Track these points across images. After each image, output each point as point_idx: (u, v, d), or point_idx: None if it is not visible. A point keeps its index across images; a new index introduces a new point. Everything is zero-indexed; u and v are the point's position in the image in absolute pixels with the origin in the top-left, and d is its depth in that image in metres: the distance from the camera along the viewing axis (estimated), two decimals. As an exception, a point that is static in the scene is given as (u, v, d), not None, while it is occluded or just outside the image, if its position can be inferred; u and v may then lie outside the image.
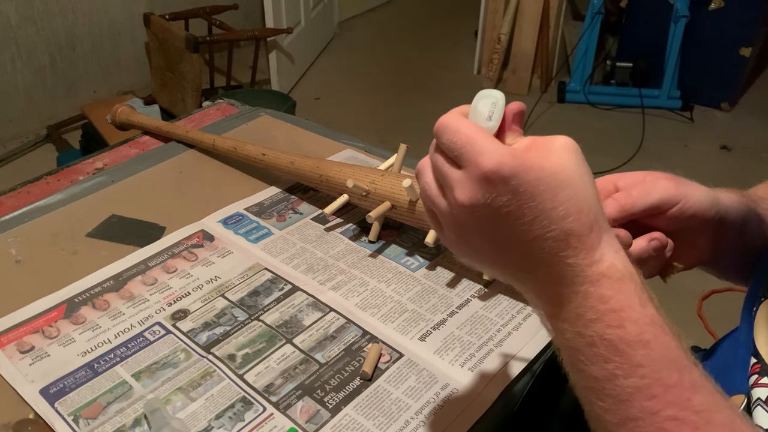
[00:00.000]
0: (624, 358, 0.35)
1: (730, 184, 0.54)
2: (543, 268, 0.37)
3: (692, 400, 0.35)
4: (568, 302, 0.37)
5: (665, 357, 0.36)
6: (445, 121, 0.38)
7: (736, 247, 0.54)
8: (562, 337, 0.38)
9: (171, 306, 0.68)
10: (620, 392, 0.36)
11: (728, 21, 2.72)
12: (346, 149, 0.96)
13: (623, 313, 0.36)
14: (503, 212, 0.36)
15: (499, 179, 0.35)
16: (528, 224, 0.36)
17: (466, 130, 0.37)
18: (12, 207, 0.83)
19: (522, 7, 2.95)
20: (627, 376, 0.35)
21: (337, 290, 0.70)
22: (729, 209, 0.51)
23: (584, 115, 2.89)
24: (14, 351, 0.62)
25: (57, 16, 2.56)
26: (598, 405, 0.37)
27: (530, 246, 0.37)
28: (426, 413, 0.56)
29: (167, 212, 0.82)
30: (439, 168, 0.39)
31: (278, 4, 2.81)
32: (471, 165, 0.36)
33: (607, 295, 0.36)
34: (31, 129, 2.62)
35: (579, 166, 0.37)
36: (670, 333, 0.37)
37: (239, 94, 2.34)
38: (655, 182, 0.49)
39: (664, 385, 0.35)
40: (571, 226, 0.36)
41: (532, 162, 0.36)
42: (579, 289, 0.37)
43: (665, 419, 0.35)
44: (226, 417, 0.56)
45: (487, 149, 0.36)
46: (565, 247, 0.36)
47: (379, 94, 3.05)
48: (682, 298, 1.81)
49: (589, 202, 0.37)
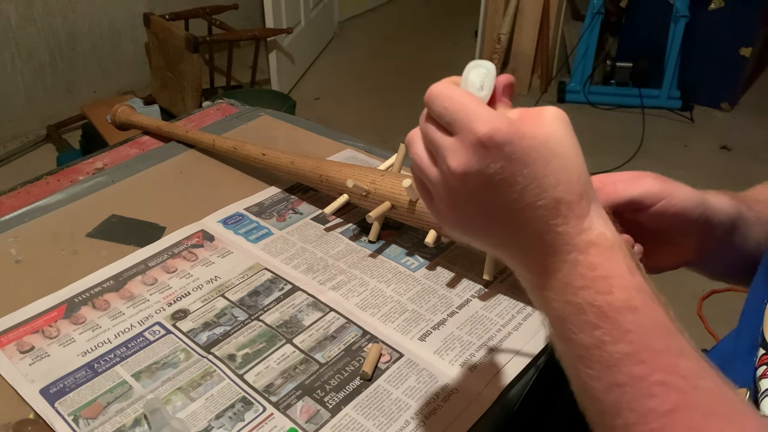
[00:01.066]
0: (612, 324, 0.36)
1: (730, 184, 0.55)
2: (533, 237, 0.37)
3: (679, 365, 0.35)
4: (557, 271, 0.37)
5: (653, 323, 0.36)
6: (437, 88, 0.38)
7: (724, 249, 0.54)
8: (550, 308, 0.38)
9: (171, 306, 0.68)
10: (608, 358, 0.36)
11: (728, 21, 2.72)
12: (346, 149, 0.96)
13: (612, 280, 0.36)
14: (496, 179, 0.36)
15: (494, 145, 0.35)
16: (520, 192, 0.36)
17: (459, 97, 0.37)
18: (12, 207, 0.83)
19: (522, 7, 2.95)
20: (615, 342, 0.35)
21: (337, 290, 0.70)
22: (717, 211, 0.51)
23: (584, 115, 2.89)
24: (14, 351, 0.62)
25: (57, 16, 2.56)
26: (585, 373, 0.37)
27: (521, 214, 0.37)
28: (426, 413, 0.56)
29: (167, 212, 0.82)
30: (430, 137, 0.38)
31: (278, 4, 2.81)
32: (465, 131, 0.36)
33: (596, 262, 0.36)
34: (31, 129, 2.62)
35: (570, 137, 0.37)
36: (657, 301, 0.37)
37: (239, 94, 2.34)
38: (641, 177, 0.50)
39: (652, 350, 0.35)
40: (561, 194, 0.36)
41: (525, 130, 0.36)
42: (568, 257, 0.37)
43: (652, 384, 0.35)
44: (226, 417, 0.56)
45: (482, 115, 0.36)
46: (555, 215, 0.36)
47: (379, 94, 3.05)
48: (682, 298, 1.81)
49: (579, 172, 0.37)
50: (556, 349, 0.40)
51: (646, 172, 0.51)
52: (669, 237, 0.51)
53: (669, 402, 0.34)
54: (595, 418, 0.38)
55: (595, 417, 0.38)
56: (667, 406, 0.34)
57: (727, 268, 0.58)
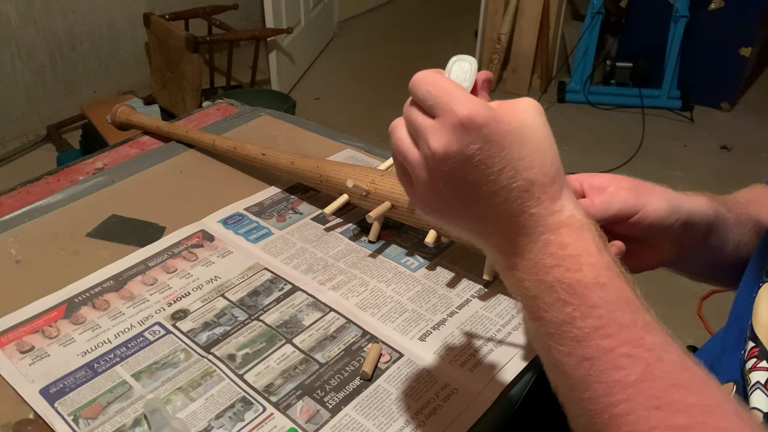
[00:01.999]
0: (581, 300, 0.37)
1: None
2: (507, 218, 0.39)
3: (645, 339, 0.37)
4: (529, 251, 0.39)
5: (620, 299, 0.38)
6: (422, 74, 0.41)
7: (701, 250, 0.55)
8: (522, 287, 0.40)
9: (171, 306, 0.68)
10: (577, 333, 0.37)
11: (728, 21, 2.72)
12: (346, 149, 0.96)
13: (581, 258, 0.38)
14: (475, 160, 0.38)
15: (473, 126, 0.37)
16: (496, 173, 0.38)
17: (443, 82, 0.39)
18: (12, 207, 0.83)
19: (522, 7, 2.95)
20: (584, 317, 0.37)
21: (337, 290, 0.70)
22: (693, 214, 0.52)
23: (584, 115, 2.90)
24: (14, 351, 0.62)
25: (57, 16, 2.56)
26: (556, 349, 0.39)
27: (497, 196, 0.39)
28: (426, 413, 0.56)
29: (167, 212, 0.82)
30: (413, 120, 0.40)
31: (278, 4, 2.81)
32: (447, 112, 0.38)
33: (566, 242, 0.38)
34: (31, 129, 2.62)
35: (543, 125, 0.40)
36: (624, 279, 0.39)
37: (239, 94, 2.34)
38: (616, 193, 0.51)
39: (619, 324, 0.37)
40: (535, 176, 0.38)
41: (502, 115, 0.38)
42: (540, 237, 0.39)
43: (619, 356, 0.36)
44: (226, 417, 0.56)
45: (463, 98, 0.38)
46: (529, 197, 0.38)
47: (379, 94, 3.05)
48: (682, 298, 1.81)
49: (552, 157, 0.39)
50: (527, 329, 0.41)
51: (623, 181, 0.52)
52: (646, 240, 0.53)
53: (635, 373, 0.36)
54: (565, 393, 0.40)
55: (565, 392, 0.39)
56: (632, 378, 0.36)
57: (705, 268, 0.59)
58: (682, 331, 1.72)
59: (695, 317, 1.81)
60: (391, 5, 4.08)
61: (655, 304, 0.39)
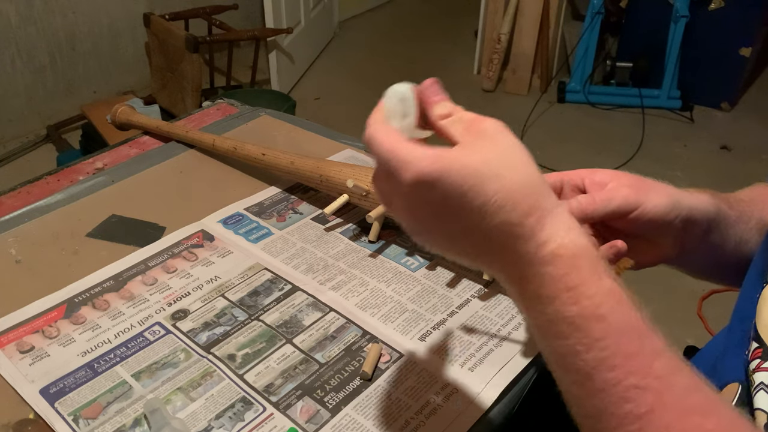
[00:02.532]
0: (583, 333, 0.36)
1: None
2: (497, 254, 0.38)
3: (653, 366, 0.36)
4: (528, 283, 0.38)
5: (624, 327, 0.36)
6: (369, 133, 0.40)
7: (702, 247, 0.55)
8: (529, 315, 0.39)
9: (171, 306, 0.68)
10: (582, 366, 0.36)
11: (728, 21, 2.72)
12: (346, 149, 0.96)
13: (578, 290, 0.36)
14: (440, 210, 0.37)
15: (424, 186, 0.37)
16: (465, 218, 0.37)
17: (387, 142, 0.38)
18: (12, 207, 0.83)
19: (522, 7, 2.95)
20: (587, 350, 0.36)
21: (337, 290, 0.70)
22: (694, 210, 0.52)
23: (584, 115, 2.90)
24: (14, 351, 0.62)
25: (57, 16, 2.56)
26: (566, 379, 0.38)
27: (479, 236, 0.38)
28: (426, 413, 0.56)
29: (167, 212, 0.82)
30: (376, 185, 0.41)
31: (278, 4, 2.81)
32: (398, 178, 0.38)
33: (560, 274, 0.37)
34: (31, 129, 2.62)
35: (506, 153, 0.38)
36: (628, 303, 0.37)
37: (239, 94, 2.34)
38: (617, 189, 0.51)
39: (624, 354, 0.36)
40: (507, 216, 0.36)
41: (452, 162, 0.36)
42: (534, 270, 0.37)
43: (627, 388, 0.35)
44: (226, 417, 0.56)
45: (406, 160, 0.37)
46: (507, 236, 0.37)
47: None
48: (682, 298, 1.81)
49: (523, 189, 0.37)
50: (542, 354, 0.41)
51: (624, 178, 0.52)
52: (647, 237, 0.53)
53: (645, 404, 0.35)
54: (581, 421, 0.39)
55: (580, 420, 0.39)
56: (643, 409, 0.35)
57: (706, 265, 0.59)
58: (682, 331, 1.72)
59: (695, 317, 1.81)
60: (391, 5, 4.08)
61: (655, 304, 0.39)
